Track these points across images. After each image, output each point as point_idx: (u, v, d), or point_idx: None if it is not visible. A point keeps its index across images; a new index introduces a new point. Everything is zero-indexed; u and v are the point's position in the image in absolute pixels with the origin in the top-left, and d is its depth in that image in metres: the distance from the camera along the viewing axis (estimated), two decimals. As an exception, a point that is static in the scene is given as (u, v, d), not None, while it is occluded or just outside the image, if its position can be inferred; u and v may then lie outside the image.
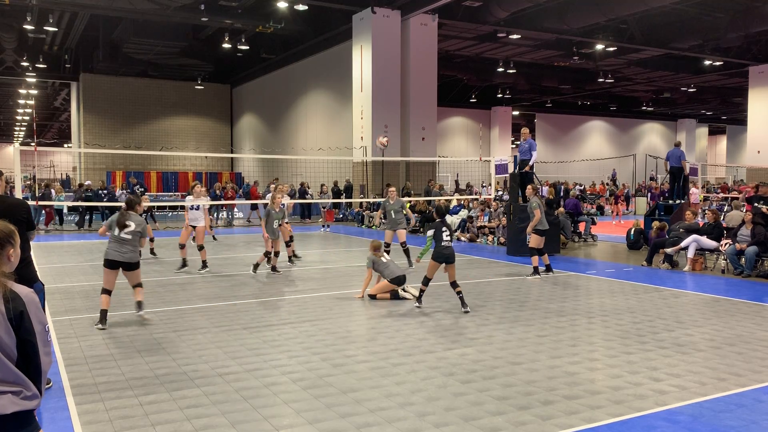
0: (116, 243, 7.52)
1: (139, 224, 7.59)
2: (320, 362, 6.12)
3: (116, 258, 7.50)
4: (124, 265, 7.55)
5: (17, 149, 12.64)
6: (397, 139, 25.90)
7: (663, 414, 4.79)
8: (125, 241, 7.50)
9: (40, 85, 44.00)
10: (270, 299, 9.38)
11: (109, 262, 7.54)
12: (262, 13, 27.34)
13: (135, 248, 7.59)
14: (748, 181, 31.15)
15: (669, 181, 17.59)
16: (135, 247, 7.59)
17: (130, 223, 7.54)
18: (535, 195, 11.92)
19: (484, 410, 4.85)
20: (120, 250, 7.51)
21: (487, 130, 46.97)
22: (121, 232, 7.51)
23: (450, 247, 8.42)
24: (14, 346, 2.44)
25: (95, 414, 4.81)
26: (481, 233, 18.01)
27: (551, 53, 32.61)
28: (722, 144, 61.81)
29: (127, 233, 7.51)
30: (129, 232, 7.51)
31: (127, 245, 7.52)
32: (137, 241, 7.59)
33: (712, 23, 26.95)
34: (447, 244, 8.39)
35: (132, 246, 7.55)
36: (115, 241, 7.52)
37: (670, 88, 42.56)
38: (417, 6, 24.71)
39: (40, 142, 60.23)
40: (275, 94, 37.31)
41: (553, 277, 11.51)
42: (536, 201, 11.59)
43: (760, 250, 11.49)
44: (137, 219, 7.64)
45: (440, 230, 8.39)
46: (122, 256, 7.50)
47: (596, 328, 7.55)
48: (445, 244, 8.37)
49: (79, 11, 27.43)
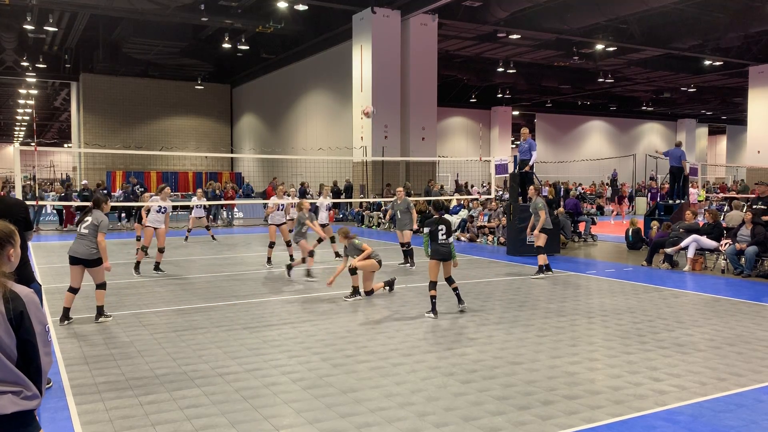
0: (76, 238, 7.63)
1: (96, 219, 7.60)
2: (320, 362, 6.12)
3: (73, 253, 7.58)
4: (83, 261, 7.56)
5: (17, 149, 12.62)
6: (397, 139, 25.91)
7: (663, 414, 4.79)
8: (83, 236, 7.56)
9: (40, 85, 43.99)
10: (270, 299, 9.38)
11: (69, 258, 7.65)
12: (262, 13, 27.35)
13: (92, 243, 7.55)
14: (748, 181, 31.16)
15: (669, 181, 17.59)
16: (92, 242, 7.55)
17: (88, 219, 7.62)
18: (538, 195, 11.98)
19: (484, 410, 4.85)
20: (77, 245, 7.57)
21: (487, 130, 46.97)
22: (81, 228, 7.62)
23: (448, 245, 8.26)
24: (14, 346, 2.44)
25: (95, 414, 4.81)
26: (481, 233, 18.01)
27: (551, 53, 32.61)
28: (722, 144, 61.81)
29: (85, 228, 7.57)
30: (86, 227, 7.57)
31: (84, 240, 7.54)
32: (94, 236, 7.53)
33: (712, 23, 26.95)
34: (443, 241, 8.23)
35: (89, 241, 7.54)
36: (76, 237, 7.64)
37: (670, 88, 42.56)
38: (417, 6, 24.71)
39: (40, 142, 60.22)
40: (275, 94, 37.31)
41: (553, 277, 11.51)
42: (541, 201, 11.65)
43: (760, 250, 11.49)
44: (96, 215, 7.66)
45: (437, 228, 8.26)
46: (77, 251, 7.54)
47: (596, 328, 7.55)
48: (441, 241, 8.23)
49: (79, 11, 27.43)
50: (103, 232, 7.55)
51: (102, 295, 7.91)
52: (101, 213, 7.73)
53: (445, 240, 8.23)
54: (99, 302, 7.93)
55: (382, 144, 25.26)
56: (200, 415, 4.77)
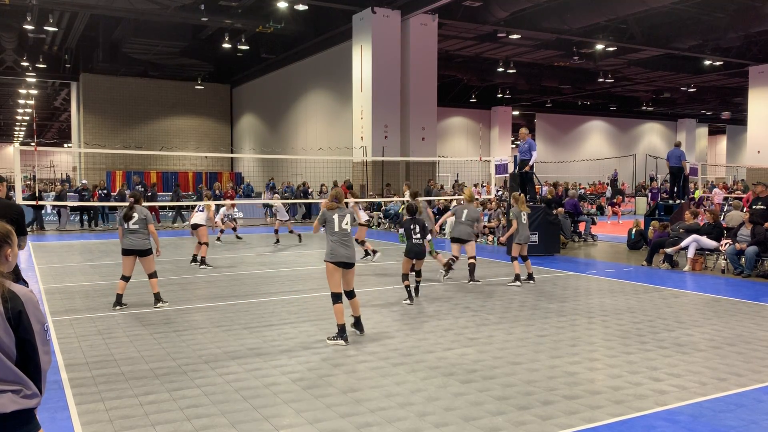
0: (127, 234, 8.48)
1: (141, 213, 8.48)
2: (320, 362, 6.11)
3: (128, 246, 8.46)
4: (137, 252, 8.45)
5: (17, 149, 12.62)
6: (397, 139, 25.91)
7: (663, 414, 4.79)
8: (133, 231, 8.44)
9: (40, 85, 44.00)
10: (270, 299, 9.38)
11: (123, 250, 8.53)
12: (262, 13, 27.34)
13: (143, 235, 8.45)
14: (748, 181, 31.14)
15: (669, 181, 17.59)
16: (143, 234, 8.45)
17: (134, 215, 8.47)
18: (516, 203, 10.92)
19: (484, 410, 4.85)
20: (130, 239, 8.44)
21: (487, 130, 46.97)
22: (129, 224, 8.44)
23: (419, 244, 8.95)
24: (13, 345, 2.44)
25: (95, 414, 4.81)
26: (481, 233, 18.00)
27: (551, 53, 32.61)
28: (722, 144, 61.82)
29: (134, 224, 8.43)
30: (135, 222, 8.43)
31: (135, 234, 8.43)
32: (144, 229, 8.44)
33: (712, 23, 26.94)
34: (417, 241, 8.93)
35: (140, 233, 8.44)
36: (126, 232, 8.48)
37: (670, 88, 42.56)
38: (417, 6, 24.71)
39: (40, 142, 60.25)
40: (275, 94, 37.30)
41: (553, 277, 11.51)
42: (518, 212, 10.69)
43: (760, 250, 11.49)
44: (140, 210, 8.51)
45: (409, 227, 8.96)
46: (132, 244, 8.43)
47: (596, 328, 7.55)
48: (415, 241, 8.92)
49: (79, 11, 27.43)
50: (152, 222, 8.59)
51: (155, 283, 8.72)
52: (142, 207, 8.62)
53: (418, 239, 8.94)
54: (154, 290, 8.72)
55: (382, 144, 25.25)
56: (200, 415, 4.77)
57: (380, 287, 10.44)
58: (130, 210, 8.51)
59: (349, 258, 6.87)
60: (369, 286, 10.59)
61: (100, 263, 13.31)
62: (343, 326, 6.80)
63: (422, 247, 8.99)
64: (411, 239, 8.97)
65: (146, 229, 8.48)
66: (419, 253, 8.99)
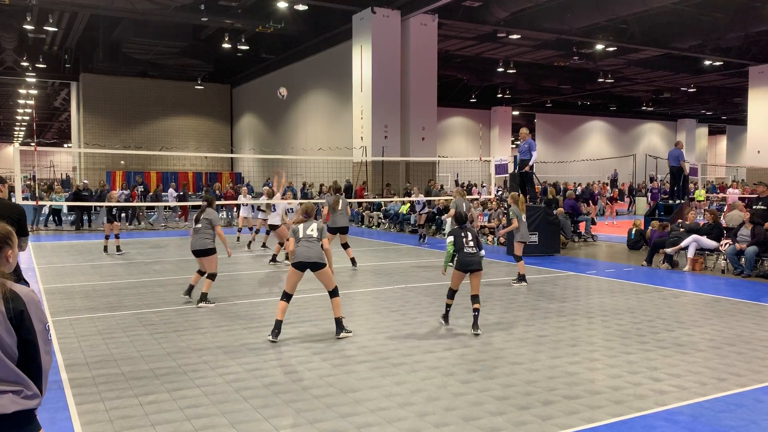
0: (193, 234, 8.88)
1: (209, 215, 8.85)
2: (320, 362, 6.12)
3: (193, 247, 8.84)
4: (199, 252, 8.76)
5: (17, 149, 12.62)
6: (397, 139, 25.91)
7: (663, 414, 4.79)
8: (198, 230, 8.79)
9: (40, 85, 44.00)
10: (270, 299, 9.38)
11: (192, 251, 8.92)
12: (262, 13, 27.35)
13: (206, 235, 8.75)
14: (748, 181, 31.15)
15: (669, 181, 17.59)
16: (206, 234, 8.76)
17: (204, 216, 8.85)
18: (514, 203, 11.12)
19: (484, 410, 4.85)
20: (194, 240, 8.82)
21: (487, 130, 46.97)
22: (196, 224, 8.84)
23: (473, 254, 7.60)
24: (15, 345, 2.44)
25: (95, 414, 4.81)
26: (481, 233, 18.00)
27: (551, 53, 32.61)
28: (722, 144, 61.83)
29: (199, 224, 8.82)
30: (201, 222, 8.81)
31: (199, 233, 8.78)
32: (207, 229, 8.76)
33: (712, 23, 26.96)
34: (470, 251, 7.61)
35: (203, 233, 8.75)
36: (192, 232, 8.89)
37: (670, 88, 42.57)
38: (417, 6, 24.72)
39: (40, 142, 60.21)
40: (275, 94, 37.24)
41: (553, 277, 11.51)
42: (518, 211, 10.92)
43: (760, 250, 11.49)
44: (209, 212, 8.91)
45: (460, 236, 7.65)
46: (195, 244, 8.79)
47: (596, 328, 7.55)
48: (467, 250, 7.60)
49: (79, 11, 27.44)
50: (219, 225, 8.90)
51: (209, 284, 8.83)
52: (213, 210, 9.00)
53: (472, 250, 7.61)
54: (205, 289, 8.80)
55: (382, 144, 25.26)
56: (200, 415, 4.77)
57: (380, 287, 10.44)
58: (201, 212, 8.86)
59: (308, 258, 6.96)
60: (369, 286, 10.59)
61: (101, 263, 13.31)
62: (279, 322, 6.99)
63: (477, 258, 7.61)
64: (462, 251, 7.59)
65: (211, 230, 8.78)
66: (474, 265, 7.53)
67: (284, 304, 7.06)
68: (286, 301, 7.07)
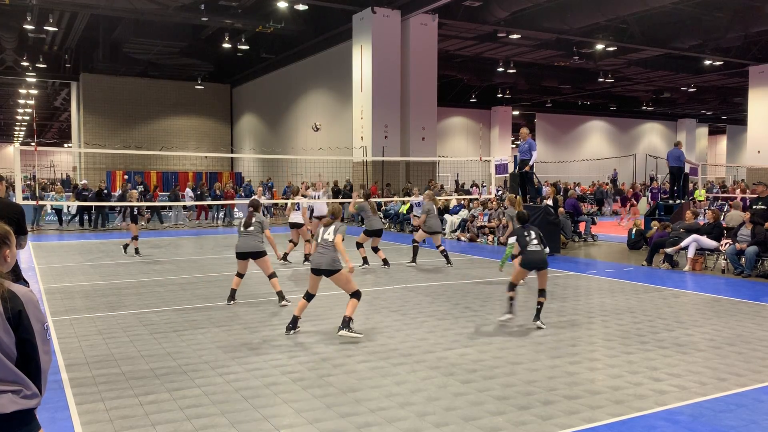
0: (241, 236, 9.01)
1: (258, 218, 9.07)
2: (320, 362, 6.12)
3: (240, 249, 8.93)
4: (251, 255, 8.89)
5: (17, 149, 12.63)
6: (397, 139, 25.90)
7: (663, 414, 4.79)
8: (248, 233, 8.94)
9: (40, 85, 43.99)
10: (270, 299, 9.38)
11: (237, 254, 9.01)
12: (262, 13, 27.34)
13: (257, 238, 8.92)
14: (748, 181, 31.13)
15: (669, 181, 17.59)
16: (257, 238, 8.92)
17: (254, 220, 9.02)
18: (511, 205, 11.27)
19: (484, 410, 4.85)
20: (243, 242, 8.94)
21: (487, 130, 46.96)
22: (246, 229, 8.98)
23: (539, 251, 7.69)
24: (13, 345, 2.44)
25: (95, 414, 4.81)
26: (481, 233, 18.01)
27: (551, 53, 32.60)
28: (722, 144, 61.81)
29: (251, 227, 8.96)
30: (251, 226, 8.95)
31: (249, 236, 8.92)
32: (259, 232, 8.95)
33: (712, 23, 26.94)
34: (536, 248, 7.70)
35: (254, 236, 8.90)
36: (241, 235, 9.02)
37: (670, 88, 42.55)
38: (417, 6, 24.71)
39: (40, 142, 60.24)
40: (275, 94, 37.29)
41: (553, 277, 11.50)
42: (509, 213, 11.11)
43: (760, 250, 11.49)
44: (258, 216, 9.11)
45: (523, 235, 7.76)
46: (244, 247, 8.90)
47: (596, 328, 7.55)
48: (532, 248, 7.70)
49: (79, 11, 27.42)
50: (268, 228, 9.14)
51: (276, 282, 8.98)
52: (260, 214, 9.26)
53: (536, 247, 7.70)
54: (276, 288, 8.94)
55: (382, 144, 25.25)
56: (200, 415, 4.77)
57: (380, 287, 10.44)
58: (249, 218, 9.04)
59: (319, 265, 7.10)
60: (369, 286, 10.59)
61: (101, 263, 13.31)
62: (296, 318, 7.27)
63: (543, 255, 7.69)
64: (526, 248, 7.70)
65: (261, 233, 8.97)
66: (540, 262, 7.65)
67: (304, 302, 7.31)
68: (307, 300, 7.32)
